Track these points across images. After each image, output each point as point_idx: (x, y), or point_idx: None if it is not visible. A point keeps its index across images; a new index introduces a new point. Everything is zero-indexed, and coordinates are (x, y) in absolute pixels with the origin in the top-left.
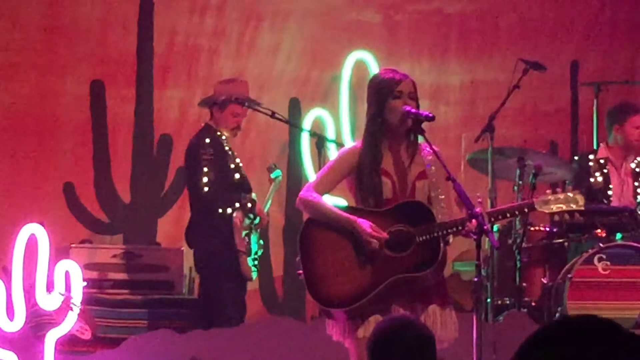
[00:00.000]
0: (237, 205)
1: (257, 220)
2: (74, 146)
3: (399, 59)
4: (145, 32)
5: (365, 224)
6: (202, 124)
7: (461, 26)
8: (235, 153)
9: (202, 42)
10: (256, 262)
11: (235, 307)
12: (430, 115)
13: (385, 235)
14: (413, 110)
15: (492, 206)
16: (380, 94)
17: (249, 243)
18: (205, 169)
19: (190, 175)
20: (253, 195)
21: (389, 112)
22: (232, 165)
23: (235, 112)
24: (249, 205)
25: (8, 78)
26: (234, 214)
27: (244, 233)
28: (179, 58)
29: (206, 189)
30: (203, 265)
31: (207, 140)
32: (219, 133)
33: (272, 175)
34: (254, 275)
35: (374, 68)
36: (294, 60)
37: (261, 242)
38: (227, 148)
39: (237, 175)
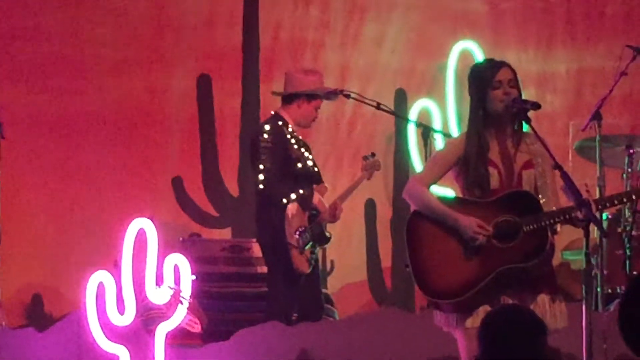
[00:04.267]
0: (293, 196)
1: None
2: (181, 140)
3: (504, 47)
4: (250, 26)
5: (470, 222)
6: (272, 112)
7: (567, 13)
8: (303, 143)
9: (307, 34)
10: (312, 256)
11: (285, 301)
12: (537, 103)
13: (490, 230)
14: (518, 99)
15: (600, 194)
16: (480, 85)
17: (302, 236)
18: (263, 157)
19: (251, 163)
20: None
21: (490, 102)
22: (294, 155)
23: (319, 105)
24: (306, 197)
25: (116, 74)
26: (288, 205)
27: (296, 225)
28: (284, 51)
29: (262, 176)
30: (263, 256)
31: (267, 128)
32: (282, 122)
33: (366, 165)
34: (308, 268)
35: (479, 57)
36: (399, 51)
37: (327, 234)
38: (289, 137)
39: (299, 165)
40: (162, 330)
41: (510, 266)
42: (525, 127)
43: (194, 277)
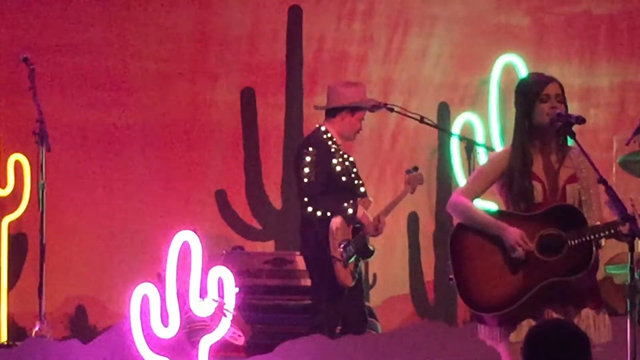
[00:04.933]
0: (338, 209)
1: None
2: (225, 153)
3: (547, 61)
4: (294, 39)
5: (515, 232)
6: (316, 126)
7: (610, 27)
8: (347, 156)
9: (350, 48)
10: (356, 269)
11: (328, 314)
12: (581, 118)
13: (531, 246)
14: (563, 113)
15: None
16: (527, 98)
17: (346, 249)
18: (306, 170)
19: (295, 176)
20: (370, 199)
21: (536, 116)
22: (339, 168)
23: (362, 117)
24: (350, 210)
25: (160, 87)
26: (332, 219)
27: (341, 239)
28: (327, 65)
29: (306, 189)
30: (307, 269)
31: (312, 141)
32: (329, 135)
33: (409, 179)
34: (352, 282)
35: (522, 71)
36: (442, 65)
37: (370, 247)
38: (334, 149)
39: (343, 178)
40: (206, 342)
41: (555, 279)
42: (570, 142)
43: (237, 289)
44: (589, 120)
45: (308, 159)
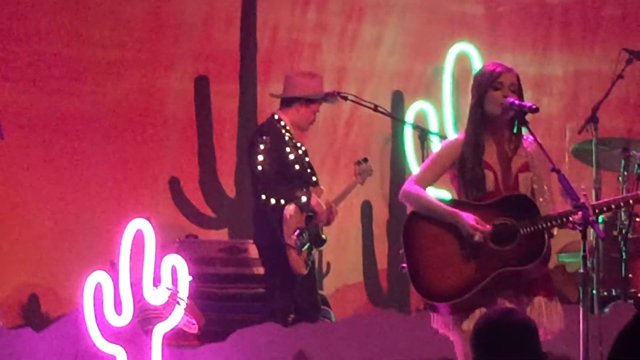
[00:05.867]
0: (291, 197)
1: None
2: (179, 142)
3: (501, 50)
4: (248, 27)
5: (469, 218)
6: (271, 114)
7: (563, 17)
8: (300, 144)
9: (304, 36)
10: (309, 257)
11: (282, 302)
12: (534, 106)
13: (488, 228)
14: (517, 101)
15: (596, 197)
16: (481, 86)
17: (299, 237)
18: (260, 158)
19: (248, 164)
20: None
21: (488, 104)
22: (292, 156)
23: (317, 109)
24: (304, 198)
25: (114, 75)
26: (286, 207)
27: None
28: (281, 53)
29: (259, 177)
30: (260, 257)
31: (266, 130)
32: (282, 123)
33: (359, 171)
34: (305, 269)
35: (476, 60)
36: (397, 54)
37: (323, 237)
38: (287, 138)
39: (296, 167)
40: (159, 330)
41: (508, 269)
42: (524, 130)
43: (191, 278)
44: (542, 109)
45: (261, 147)
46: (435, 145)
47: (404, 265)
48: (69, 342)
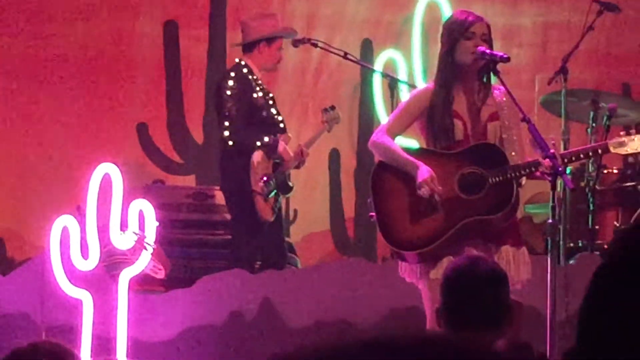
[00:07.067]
0: (258, 144)
1: (278, 161)
2: (147, 87)
3: (471, 0)
4: None
5: (425, 172)
6: (236, 60)
7: None
8: (267, 90)
9: None
10: (276, 204)
11: (248, 248)
12: (505, 56)
13: (439, 189)
14: (488, 51)
15: (565, 148)
16: (452, 35)
17: (267, 184)
18: (228, 104)
19: (215, 110)
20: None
21: (459, 53)
22: (259, 103)
23: (280, 46)
24: (271, 144)
25: (82, 19)
26: (253, 153)
27: (262, 173)
28: None
29: (226, 123)
30: (226, 204)
31: (232, 75)
32: (249, 69)
33: (326, 118)
34: (272, 216)
35: (446, 9)
36: (366, 2)
37: (290, 184)
38: (254, 84)
39: (263, 113)
40: (126, 275)
41: (476, 218)
42: (493, 80)
43: (157, 223)
44: (512, 60)
45: (228, 92)
46: (404, 94)
47: (372, 214)
48: (34, 286)
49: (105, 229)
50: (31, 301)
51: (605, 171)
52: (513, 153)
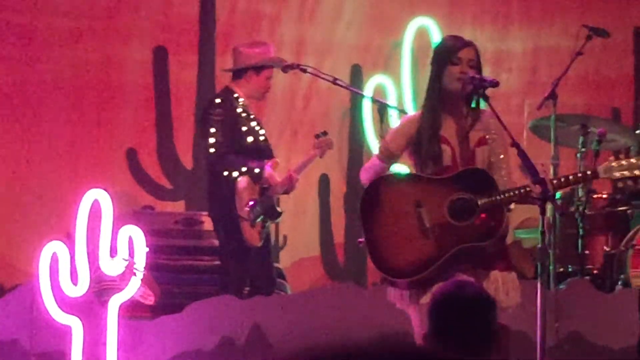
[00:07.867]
0: (244, 169)
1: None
2: (136, 112)
3: (460, 25)
4: None
5: None
6: (225, 86)
7: None
8: (254, 116)
9: (264, 8)
10: (263, 229)
11: (236, 274)
12: (495, 81)
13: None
14: (477, 76)
15: (554, 173)
16: (439, 60)
17: (253, 209)
18: (213, 130)
19: (201, 137)
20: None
21: (446, 79)
22: (245, 128)
23: (269, 75)
24: (257, 170)
25: (71, 44)
26: (239, 179)
27: (247, 199)
28: (240, 24)
29: (212, 150)
30: (214, 229)
31: (218, 101)
32: (235, 95)
33: (318, 144)
34: (259, 242)
35: (435, 34)
36: (356, 27)
37: (278, 209)
38: (240, 110)
39: (249, 139)
40: (116, 301)
41: (467, 245)
42: (482, 105)
43: (147, 249)
44: (501, 84)
45: (214, 119)
46: (394, 120)
47: (361, 240)
48: (24, 313)
49: (94, 254)
50: (21, 327)
51: (594, 196)
52: (501, 178)
